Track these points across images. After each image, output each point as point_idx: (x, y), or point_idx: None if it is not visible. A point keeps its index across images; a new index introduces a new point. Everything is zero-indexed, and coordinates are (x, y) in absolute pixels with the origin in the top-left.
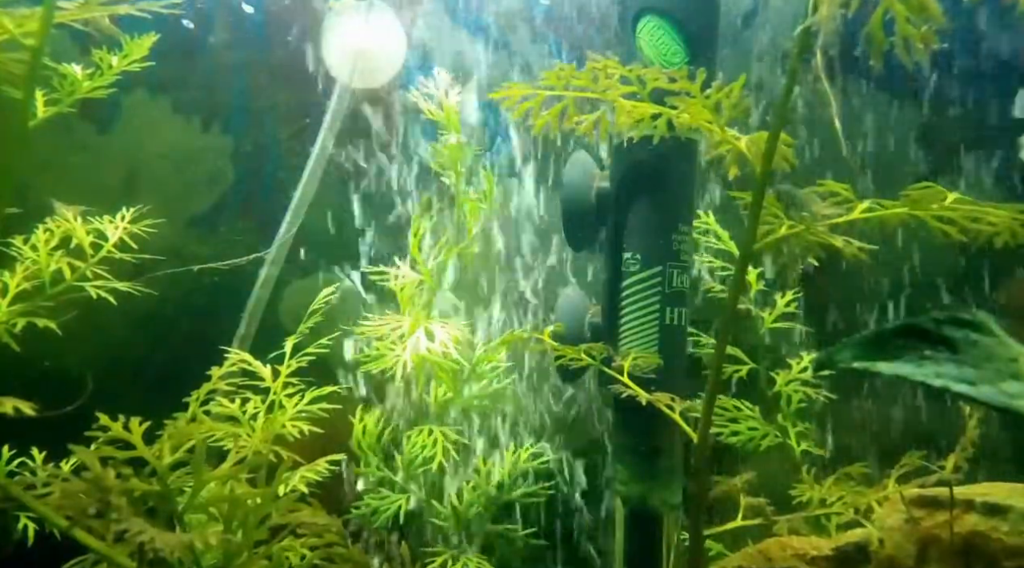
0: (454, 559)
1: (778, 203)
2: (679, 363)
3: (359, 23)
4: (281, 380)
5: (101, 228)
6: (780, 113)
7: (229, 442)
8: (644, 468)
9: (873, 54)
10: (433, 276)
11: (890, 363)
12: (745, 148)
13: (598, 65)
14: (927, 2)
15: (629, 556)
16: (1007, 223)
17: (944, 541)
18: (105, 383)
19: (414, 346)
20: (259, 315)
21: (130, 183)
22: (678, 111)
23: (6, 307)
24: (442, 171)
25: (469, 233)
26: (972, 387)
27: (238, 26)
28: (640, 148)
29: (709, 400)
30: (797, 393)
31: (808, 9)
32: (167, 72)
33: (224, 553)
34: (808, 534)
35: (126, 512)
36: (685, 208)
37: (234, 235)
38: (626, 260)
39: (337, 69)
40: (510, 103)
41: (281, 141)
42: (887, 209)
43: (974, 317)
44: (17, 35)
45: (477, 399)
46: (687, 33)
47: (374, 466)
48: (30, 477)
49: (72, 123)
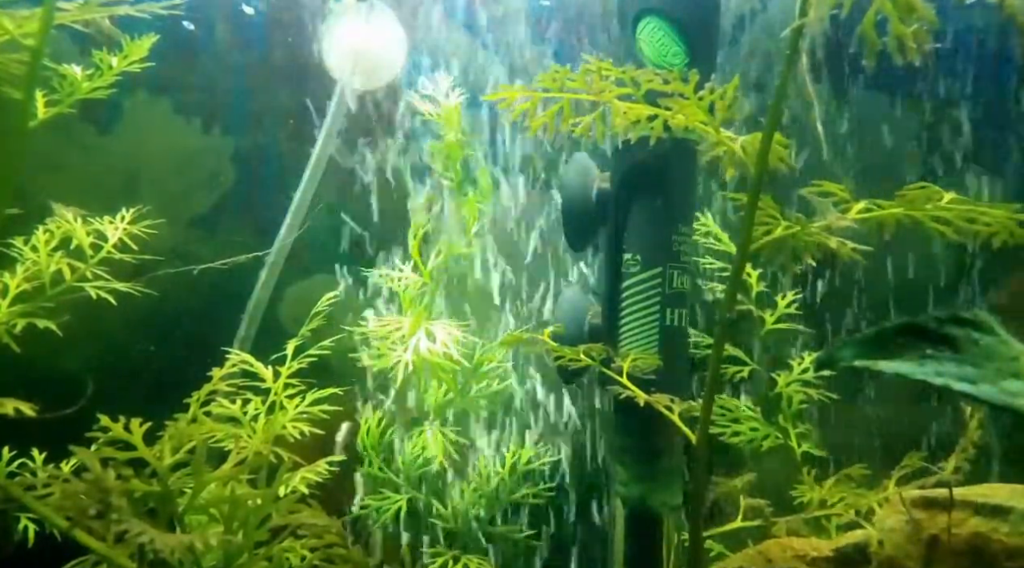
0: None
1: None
2: (679, 364)
3: (359, 24)
4: (282, 381)
5: (101, 229)
6: (774, 114)
7: (230, 443)
8: (644, 469)
9: (867, 54)
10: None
11: (891, 362)
12: (740, 149)
13: (593, 67)
14: (915, 2)
15: (629, 557)
16: (1004, 223)
17: (944, 542)
18: (105, 384)
19: (414, 346)
20: (259, 316)
21: (131, 184)
22: (673, 112)
23: (6, 308)
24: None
25: (468, 233)
26: (973, 386)
27: (238, 27)
28: (640, 149)
29: (707, 401)
30: (797, 393)
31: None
32: (168, 73)
33: (224, 554)
34: (808, 535)
35: (126, 513)
36: (685, 209)
37: (234, 236)
38: (626, 261)
39: (337, 69)
40: (506, 105)
41: (281, 142)
42: (884, 209)
43: (975, 316)
44: (17, 36)
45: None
46: (687, 34)
47: (376, 467)
48: (30, 478)
49: (73, 124)
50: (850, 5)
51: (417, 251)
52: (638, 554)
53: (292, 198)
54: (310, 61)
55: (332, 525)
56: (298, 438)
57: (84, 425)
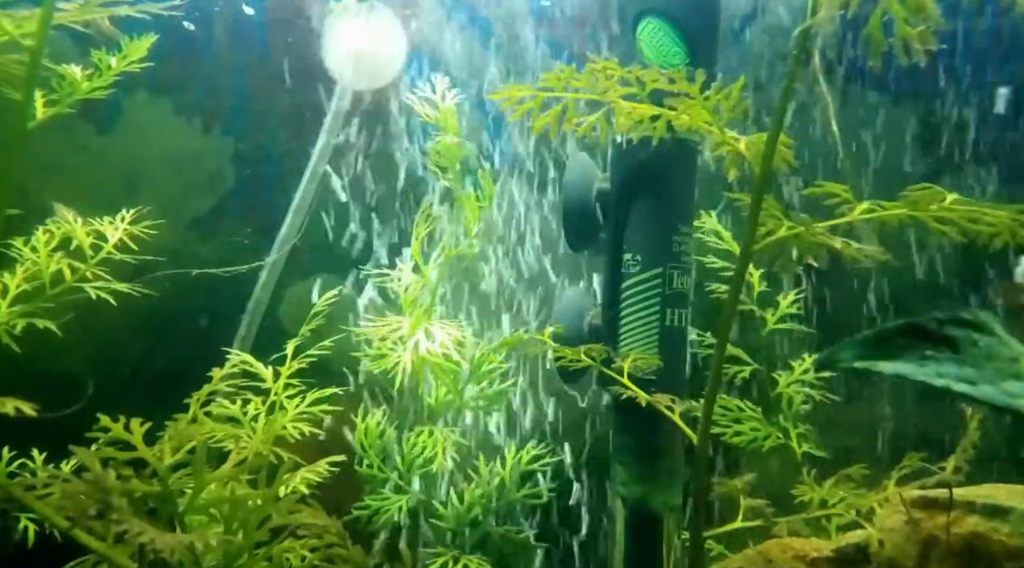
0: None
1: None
2: (680, 364)
3: (359, 24)
4: (282, 381)
5: (101, 229)
6: (779, 114)
7: (230, 443)
8: (645, 469)
9: (872, 55)
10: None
11: (891, 363)
12: (744, 149)
13: (597, 66)
14: (924, 2)
15: (629, 557)
16: (1006, 223)
17: (944, 542)
18: (105, 384)
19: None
20: (259, 316)
21: (131, 184)
22: (677, 113)
23: (6, 308)
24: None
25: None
26: (973, 387)
27: (238, 27)
28: (641, 149)
29: (709, 401)
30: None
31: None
32: (168, 74)
33: (225, 554)
34: (808, 535)
35: (127, 513)
36: (685, 209)
37: (234, 236)
38: (626, 261)
39: (337, 70)
40: (509, 105)
41: (281, 142)
42: (887, 210)
43: (975, 317)
44: (17, 36)
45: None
46: (687, 34)
47: (376, 467)
48: (31, 478)
49: (73, 124)
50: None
51: (418, 251)
52: (638, 554)
53: (292, 199)
54: (310, 61)
55: (332, 525)
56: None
57: (84, 425)
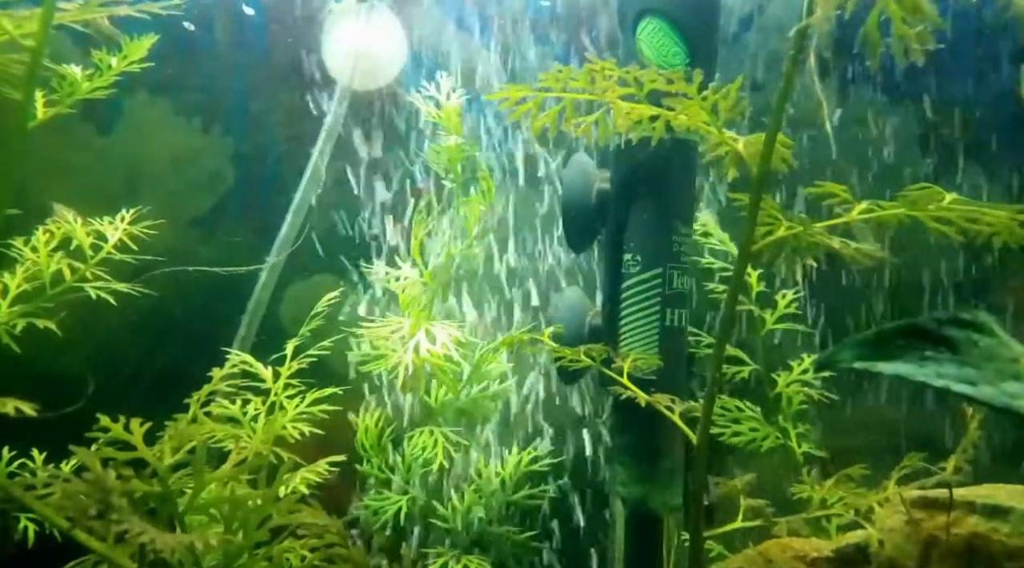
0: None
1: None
2: (679, 364)
3: (359, 25)
4: (282, 381)
5: (101, 229)
6: (777, 115)
7: (230, 443)
8: (644, 470)
9: (869, 54)
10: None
11: (891, 363)
12: (743, 149)
13: (596, 67)
14: (920, 2)
15: (629, 557)
16: (1005, 223)
17: (944, 542)
18: (105, 384)
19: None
20: (259, 316)
21: (131, 184)
22: (675, 113)
23: (6, 308)
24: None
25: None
26: (973, 387)
27: (239, 28)
28: (640, 149)
29: (708, 401)
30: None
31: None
32: (168, 74)
33: (225, 554)
34: (808, 535)
35: (127, 513)
36: (685, 209)
37: (234, 236)
38: (626, 261)
39: (337, 71)
40: (508, 105)
41: (281, 142)
42: (885, 210)
43: (975, 317)
44: (17, 36)
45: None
46: (687, 34)
47: (376, 467)
48: (31, 478)
49: (73, 124)
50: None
51: (418, 251)
52: (638, 554)
53: (292, 198)
54: (310, 61)
55: (332, 525)
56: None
57: (84, 425)
